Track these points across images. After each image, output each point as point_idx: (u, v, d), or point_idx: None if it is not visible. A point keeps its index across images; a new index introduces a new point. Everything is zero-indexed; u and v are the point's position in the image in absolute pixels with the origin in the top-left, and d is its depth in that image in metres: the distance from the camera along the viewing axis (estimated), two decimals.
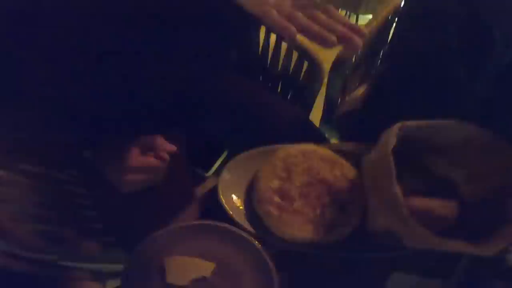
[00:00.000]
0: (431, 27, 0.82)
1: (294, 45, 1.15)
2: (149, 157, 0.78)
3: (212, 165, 1.23)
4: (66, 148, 0.78)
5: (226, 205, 0.77)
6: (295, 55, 1.21)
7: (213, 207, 0.78)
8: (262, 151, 0.85)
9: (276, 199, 0.76)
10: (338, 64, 1.18)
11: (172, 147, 0.80)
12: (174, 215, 0.83)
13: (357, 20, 3.44)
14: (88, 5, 0.63)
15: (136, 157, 0.77)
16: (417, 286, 0.74)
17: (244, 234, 0.73)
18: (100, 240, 0.87)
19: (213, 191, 0.80)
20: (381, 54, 1.30)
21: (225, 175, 0.81)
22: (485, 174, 0.74)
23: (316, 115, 1.31)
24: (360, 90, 1.23)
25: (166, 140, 0.81)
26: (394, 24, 1.23)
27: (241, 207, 0.79)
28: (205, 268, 0.71)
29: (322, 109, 1.31)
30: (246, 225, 0.76)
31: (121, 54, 0.68)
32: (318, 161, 0.81)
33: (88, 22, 0.65)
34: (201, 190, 0.93)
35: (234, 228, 0.74)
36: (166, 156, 0.79)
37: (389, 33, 1.25)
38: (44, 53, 0.65)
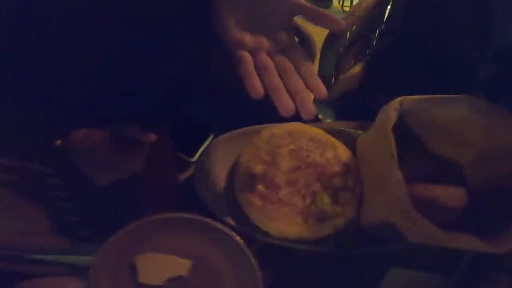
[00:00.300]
0: (431, 6, 0.82)
1: None
2: (126, 146, 0.76)
3: (197, 150, 1.20)
4: (39, 138, 0.75)
5: (203, 195, 0.72)
6: None
7: (191, 197, 0.74)
8: (245, 132, 0.79)
9: (259, 187, 0.71)
10: (330, 39, 1.17)
11: (151, 136, 0.77)
12: (155, 206, 0.78)
13: (352, 1, 3.41)
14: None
15: (111, 147, 0.75)
16: (416, 282, 0.71)
17: (224, 228, 0.68)
18: (76, 234, 0.83)
19: (192, 179, 0.76)
20: (377, 32, 1.32)
21: (202, 160, 0.76)
22: (492, 156, 0.70)
23: None
24: (356, 69, 1.26)
25: (148, 126, 0.78)
26: (391, 2, 1.24)
27: (220, 197, 0.74)
28: (181, 266, 0.67)
29: None
30: (226, 217, 0.71)
31: (111, 44, 0.67)
32: (307, 142, 0.75)
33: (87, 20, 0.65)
34: (183, 178, 0.91)
35: (212, 221, 0.69)
36: (145, 145, 0.77)
37: (385, 12, 1.26)
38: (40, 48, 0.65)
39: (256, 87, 0.58)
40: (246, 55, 0.61)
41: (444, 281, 0.69)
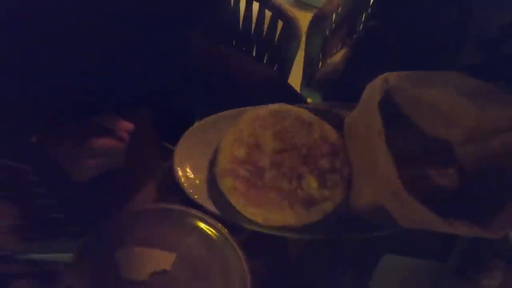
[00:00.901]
0: None
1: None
2: (104, 139, 0.73)
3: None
4: (16, 135, 0.74)
5: (184, 183, 0.69)
6: (268, 15, 1.16)
7: (174, 187, 0.71)
8: (228, 116, 0.76)
9: (242, 171, 0.68)
10: (316, 23, 1.15)
11: (130, 125, 0.75)
12: (138, 198, 0.78)
13: None
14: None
15: (89, 140, 0.73)
16: (410, 268, 0.69)
17: (207, 218, 0.67)
18: (65, 230, 0.84)
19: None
20: (363, 16, 1.31)
21: (182, 146, 0.73)
22: (483, 133, 0.68)
23: (296, 82, 1.27)
24: (342, 52, 1.27)
25: (130, 116, 0.76)
26: None
27: (202, 185, 0.71)
28: (165, 259, 0.66)
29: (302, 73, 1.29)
30: (209, 206, 0.68)
31: (92, 35, 0.66)
32: (292, 122, 0.72)
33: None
34: (166, 167, 0.88)
35: (194, 211, 0.68)
36: (125, 136, 0.74)
37: None
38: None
39: None
40: None
41: (439, 267, 0.68)
